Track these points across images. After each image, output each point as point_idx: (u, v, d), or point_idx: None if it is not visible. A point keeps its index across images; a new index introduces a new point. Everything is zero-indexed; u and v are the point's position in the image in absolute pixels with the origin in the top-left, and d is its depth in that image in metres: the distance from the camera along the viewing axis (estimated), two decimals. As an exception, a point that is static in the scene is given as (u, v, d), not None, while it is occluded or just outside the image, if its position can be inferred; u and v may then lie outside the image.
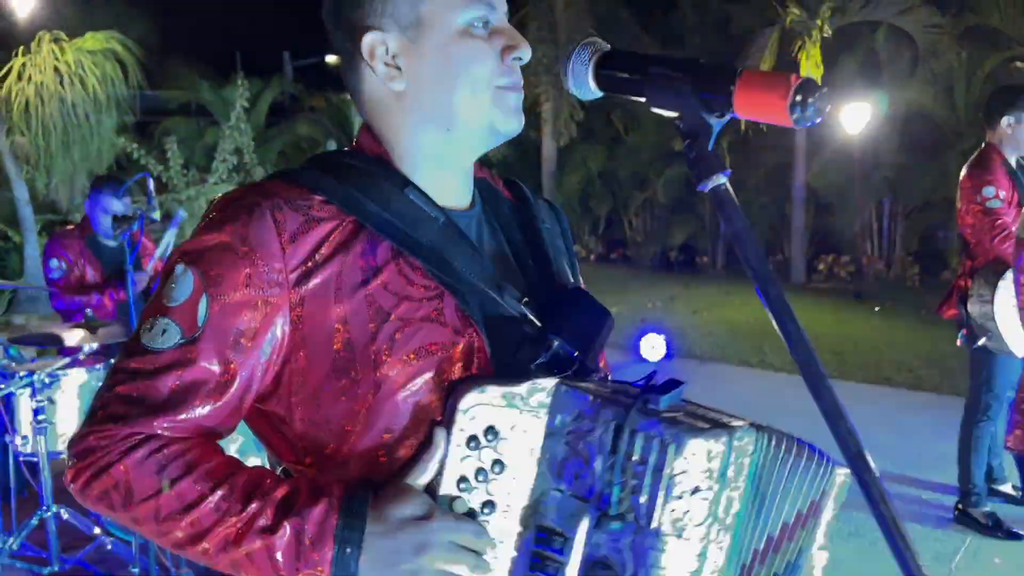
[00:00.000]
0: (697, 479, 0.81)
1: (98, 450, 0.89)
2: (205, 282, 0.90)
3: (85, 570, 3.40)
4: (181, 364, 0.90)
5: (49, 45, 8.16)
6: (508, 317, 0.96)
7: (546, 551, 0.86)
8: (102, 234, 4.17)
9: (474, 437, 0.88)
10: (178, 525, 0.88)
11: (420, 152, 1.00)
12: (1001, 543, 3.59)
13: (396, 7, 0.96)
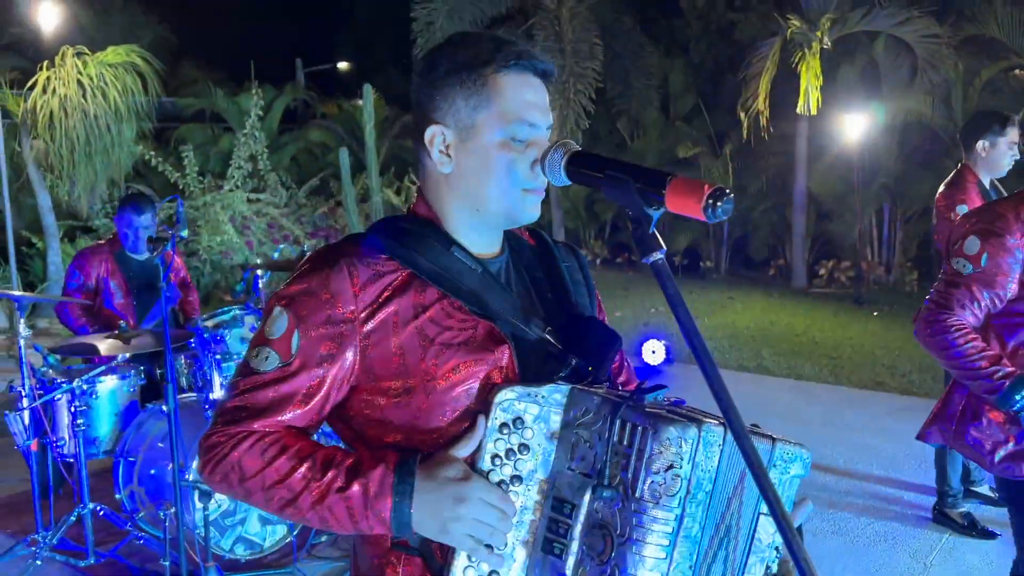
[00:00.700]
0: (671, 459, 1.05)
1: (218, 445, 1.19)
2: (297, 320, 1.20)
3: (119, 563, 3.65)
4: (278, 381, 1.20)
5: (72, 59, 8.44)
6: (534, 340, 1.23)
7: (559, 516, 1.12)
8: (129, 249, 4.43)
9: (505, 424, 1.14)
10: (279, 492, 1.17)
11: (459, 221, 1.28)
12: (976, 542, 3.81)
13: (458, 111, 1.23)
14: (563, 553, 1.10)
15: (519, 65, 1.23)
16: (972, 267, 2.25)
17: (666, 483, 1.05)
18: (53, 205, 9.39)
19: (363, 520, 1.15)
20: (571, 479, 1.11)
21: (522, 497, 1.14)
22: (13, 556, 3.62)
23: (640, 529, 1.06)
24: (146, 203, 4.32)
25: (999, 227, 2.25)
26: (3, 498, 4.51)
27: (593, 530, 1.09)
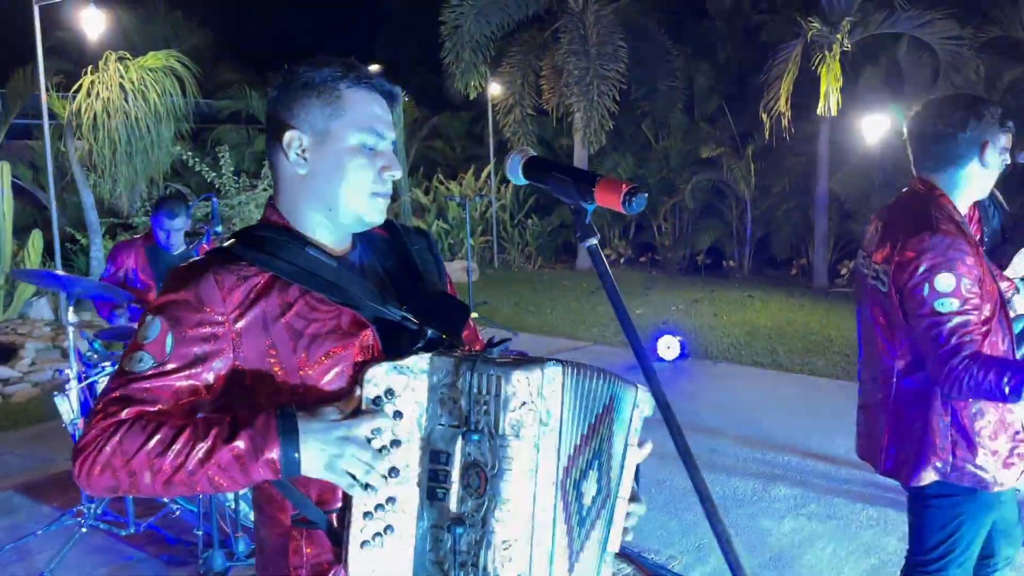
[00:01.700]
0: (523, 397, 1.24)
1: (93, 441, 1.23)
2: (170, 324, 1.30)
3: (156, 533, 3.96)
4: (153, 378, 1.27)
5: (115, 64, 8.82)
6: (393, 320, 1.39)
7: (438, 466, 1.27)
8: (162, 246, 4.72)
9: (378, 398, 1.28)
10: (165, 461, 1.21)
11: (313, 221, 1.42)
12: (963, 526, 3.99)
13: (314, 119, 1.38)
14: (445, 496, 1.26)
15: (368, 84, 1.41)
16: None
17: (522, 417, 1.24)
18: (95, 203, 9.80)
19: (253, 468, 1.22)
20: (444, 432, 1.28)
21: (404, 457, 1.28)
22: (61, 525, 3.95)
23: (507, 460, 1.24)
24: (179, 206, 4.56)
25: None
26: (50, 475, 4.86)
27: (468, 470, 1.26)
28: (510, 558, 1.25)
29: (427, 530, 1.29)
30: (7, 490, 4.67)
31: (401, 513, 1.29)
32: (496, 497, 1.24)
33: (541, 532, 1.27)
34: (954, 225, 2.20)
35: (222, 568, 3.53)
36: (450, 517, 1.26)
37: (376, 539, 1.29)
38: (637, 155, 13.83)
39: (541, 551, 1.28)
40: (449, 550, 1.26)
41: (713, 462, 4.86)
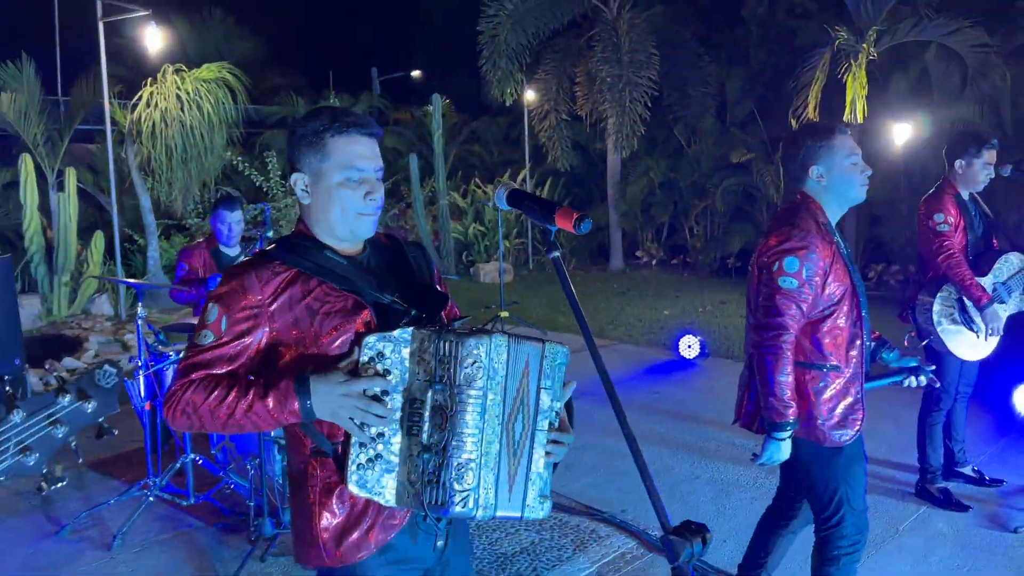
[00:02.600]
0: (473, 357, 1.68)
1: (175, 394, 1.75)
2: (224, 310, 1.78)
3: (212, 505, 4.43)
4: (213, 349, 1.76)
5: (172, 76, 9.42)
6: (386, 303, 1.83)
7: (414, 409, 1.71)
8: (223, 243, 5.21)
9: (372, 359, 1.72)
10: (221, 411, 1.71)
11: (325, 233, 1.88)
12: (949, 513, 4.29)
13: (310, 163, 1.84)
14: (419, 431, 1.70)
15: (348, 131, 1.83)
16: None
17: (472, 373, 1.69)
18: (152, 206, 10.42)
19: (282, 417, 1.71)
20: (420, 384, 1.72)
21: (391, 403, 1.72)
22: (129, 496, 4.44)
23: (462, 403, 1.68)
24: (236, 202, 5.11)
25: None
26: (118, 454, 5.38)
27: (435, 411, 1.70)
28: (463, 476, 1.68)
29: (405, 457, 1.73)
30: (79, 469, 5.20)
31: (387, 445, 1.74)
32: (454, 431, 1.68)
33: (487, 458, 1.72)
34: (814, 225, 2.69)
35: (271, 534, 3.98)
36: (421, 447, 1.70)
37: (368, 463, 1.73)
38: (669, 159, 14.11)
39: (487, 471, 1.71)
40: (420, 471, 1.69)
41: (719, 451, 5.21)
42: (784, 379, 2.64)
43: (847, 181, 2.72)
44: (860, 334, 2.74)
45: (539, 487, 1.80)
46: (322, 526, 1.80)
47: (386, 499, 1.73)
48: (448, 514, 1.70)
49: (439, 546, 1.91)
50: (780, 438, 2.67)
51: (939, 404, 4.42)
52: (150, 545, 4.09)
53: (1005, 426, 5.61)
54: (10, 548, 4.10)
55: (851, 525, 2.78)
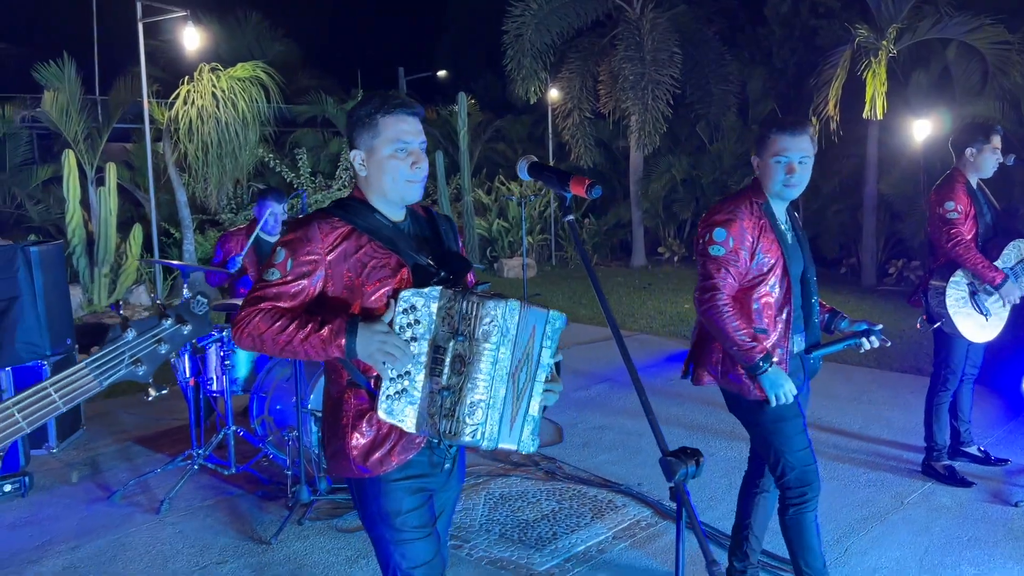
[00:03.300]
0: (491, 317, 1.99)
1: (244, 318, 2.05)
2: (290, 253, 2.08)
3: (252, 474, 4.71)
4: (279, 285, 2.07)
5: (208, 75, 9.76)
6: (422, 264, 2.14)
7: (437, 355, 2.03)
8: (266, 231, 5.49)
9: (406, 310, 2.02)
10: (281, 338, 2.01)
11: (375, 201, 2.19)
12: (953, 489, 4.47)
13: (365, 140, 2.15)
14: (440, 373, 2.03)
15: (395, 111, 2.14)
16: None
17: (489, 330, 2.02)
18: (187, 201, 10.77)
19: (330, 349, 2.00)
20: (444, 335, 2.04)
21: (418, 348, 2.04)
22: (174, 466, 4.74)
23: (478, 354, 2.02)
24: (282, 194, 5.41)
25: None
26: (161, 431, 5.69)
27: (455, 359, 2.03)
28: (474, 412, 2.03)
29: (426, 394, 2.05)
30: (126, 442, 5.51)
31: (411, 381, 2.05)
32: (469, 376, 2.02)
33: (495, 400, 2.04)
34: (747, 203, 3.01)
35: (308, 500, 4.25)
36: (441, 386, 2.03)
37: (395, 395, 2.05)
38: (691, 157, 14.27)
39: (494, 411, 2.05)
40: (438, 406, 2.03)
41: (732, 432, 5.40)
42: (734, 327, 2.89)
43: (771, 177, 3.00)
44: (788, 303, 3.01)
45: (532, 427, 2.12)
46: (353, 444, 2.13)
47: (407, 426, 2.05)
48: (459, 443, 2.06)
49: (447, 468, 2.24)
50: (762, 372, 2.89)
51: (946, 385, 4.60)
52: (195, 510, 4.37)
53: (1014, 410, 5.77)
54: (64, 512, 4.41)
55: (793, 479, 3.01)
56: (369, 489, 2.16)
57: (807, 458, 3.01)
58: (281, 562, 3.78)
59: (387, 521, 2.16)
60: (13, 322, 5.03)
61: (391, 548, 2.18)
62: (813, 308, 3.11)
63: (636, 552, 3.83)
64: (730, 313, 2.91)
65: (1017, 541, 3.86)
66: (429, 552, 2.19)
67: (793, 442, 3.00)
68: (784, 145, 2.95)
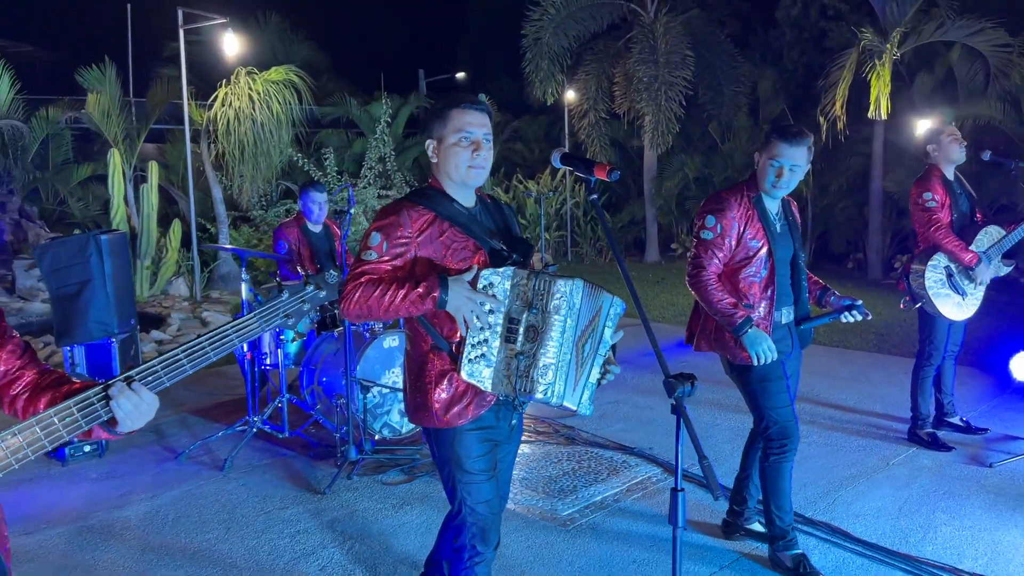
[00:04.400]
0: (560, 293, 2.43)
1: (349, 292, 2.42)
2: (384, 236, 2.47)
3: (303, 439, 5.24)
4: (375, 263, 2.45)
5: (245, 78, 10.32)
6: (496, 248, 2.56)
7: (512, 324, 2.44)
8: (311, 221, 6.01)
9: (484, 287, 2.43)
10: (384, 299, 2.38)
11: (448, 188, 2.58)
12: (934, 453, 4.94)
13: (436, 130, 2.54)
14: (514, 341, 2.45)
15: (463, 106, 2.55)
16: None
17: (559, 304, 2.42)
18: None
19: (426, 302, 2.39)
20: (517, 308, 2.46)
21: (494, 319, 2.45)
22: (233, 431, 5.27)
23: (548, 325, 2.42)
24: (323, 185, 5.95)
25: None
26: (215, 404, 6.24)
27: (528, 329, 2.44)
28: (545, 374, 2.44)
29: (502, 358, 2.48)
30: (183, 413, 6.06)
31: (489, 348, 2.49)
32: (541, 343, 2.43)
33: (562, 364, 2.45)
34: (738, 196, 3.42)
35: (355, 458, 4.78)
36: (516, 352, 2.46)
37: (476, 359, 2.48)
38: (703, 156, 14.72)
39: (561, 373, 2.45)
40: (513, 368, 2.46)
41: (737, 407, 5.86)
42: (718, 299, 3.36)
43: (764, 176, 3.42)
44: (773, 283, 3.44)
45: (590, 392, 2.55)
46: (434, 399, 2.56)
47: (485, 386, 2.49)
48: (532, 399, 2.47)
49: (512, 425, 2.69)
50: (743, 333, 3.33)
51: (930, 360, 5.07)
52: (254, 468, 4.91)
53: (1001, 387, 6.23)
54: (139, 469, 4.95)
55: (775, 431, 3.50)
56: (446, 437, 2.59)
57: (788, 414, 3.49)
58: (335, 508, 4.31)
59: (459, 464, 2.60)
60: (86, 303, 5.58)
61: (460, 487, 2.63)
62: (802, 286, 3.57)
63: (647, 502, 4.33)
64: (714, 287, 3.37)
65: (987, 495, 4.34)
66: (491, 492, 2.64)
67: (776, 399, 3.47)
68: (781, 151, 3.34)
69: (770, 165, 3.37)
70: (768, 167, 3.38)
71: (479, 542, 2.68)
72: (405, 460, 4.89)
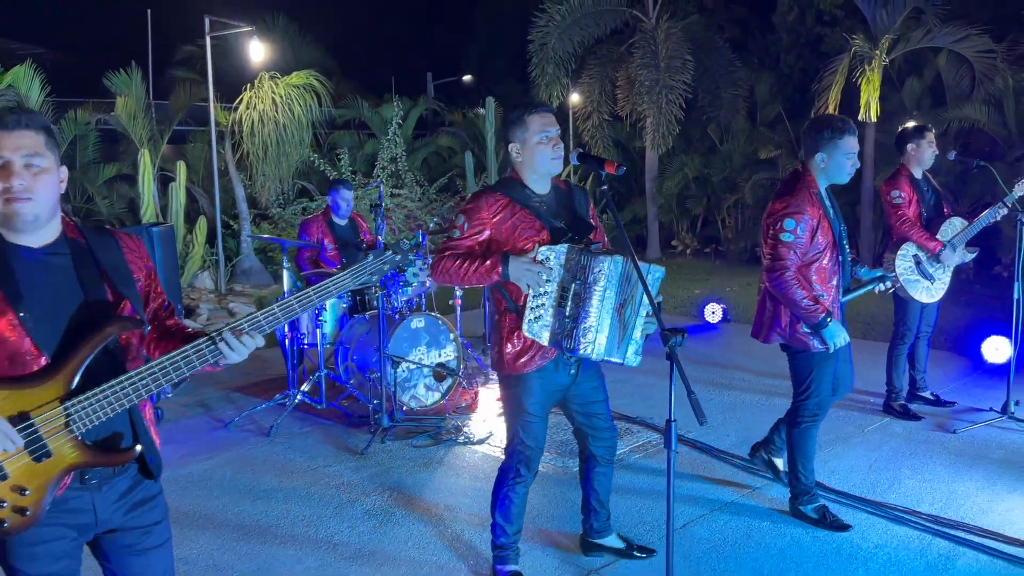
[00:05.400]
0: (601, 267, 3.02)
1: (435, 263, 3.17)
2: (467, 218, 3.17)
3: (339, 410, 5.82)
4: (459, 240, 3.16)
5: (268, 82, 10.90)
6: (558, 227, 3.19)
7: (562, 293, 3.06)
8: (338, 216, 6.60)
9: (542, 260, 3.08)
10: (461, 269, 3.09)
11: (527, 179, 3.22)
12: (905, 422, 5.50)
13: (517, 134, 3.19)
14: (564, 306, 3.05)
15: (539, 111, 3.16)
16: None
17: (597, 277, 3.01)
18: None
19: (492, 274, 3.03)
20: (567, 279, 3.05)
21: (549, 288, 3.05)
22: (275, 403, 5.86)
23: (591, 294, 3.01)
24: (349, 183, 6.55)
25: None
26: (254, 382, 6.82)
27: (575, 296, 3.03)
28: (587, 333, 3.03)
29: (554, 320, 3.07)
30: (225, 390, 6.64)
31: (544, 311, 3.09)
32: (584, 308, 3.02)
33: (602, 326, 3.03)
34: (807, 194, 3.75)
35: (388, 425, 5.35)
36: (565, 315, 3.05)
37: (534, 320, 3.10)
38: (703, 156, 15.28)
39: (601, 334, 3.05)
40: (563, 328, 3.05)
41: (730, 384, 6.48)
42: (800, 296, 3.70)
43: (840, 170, 3.78)
44: (838, 273, 3.86)
45: (636, 348, 3.11)
46: (507, 351, 3.19)
47: (543, 341, 3.10)
48: (576, 355, 3.07)
49: (572, 374, 3.27)
50: (825, 326, 3.68)
51: (903, 339, 5.63)
52: (296, 435, 5.49)
53: (973, 367, 6.80)
54: (193, 436, 5.53)
55: (813, 404, 4.02)
56: (513, 381, 3.23)
57: (828, 391, 3.97)
58: (372, 465, 4.89)
59: (519, 404, 3.24)
60: (139, 289, 6.16)
61: (517, 422, 3.27)
62: (846, 258, 3.94)
63: (648, 461, 4.91)
64: (796, 285, 3.68)
65: (949, 455, 4.91)
66: (541, 431, 3.29)
67: (825, 378, 3.94)
68: (853, 143, 3.75)
69: (847, 157, 3.74)
70: (844, 159, 3.73)
71: (523, 467, 3.31)
72: (431, 427, 5.47)
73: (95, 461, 2.03)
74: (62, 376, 1.98)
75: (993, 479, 4.52)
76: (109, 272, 2.15)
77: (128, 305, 2.15)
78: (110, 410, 2.01)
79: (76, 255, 2.12)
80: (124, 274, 2.20)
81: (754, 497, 4.40)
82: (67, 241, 2.12)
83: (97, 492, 2.10)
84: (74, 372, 1.99)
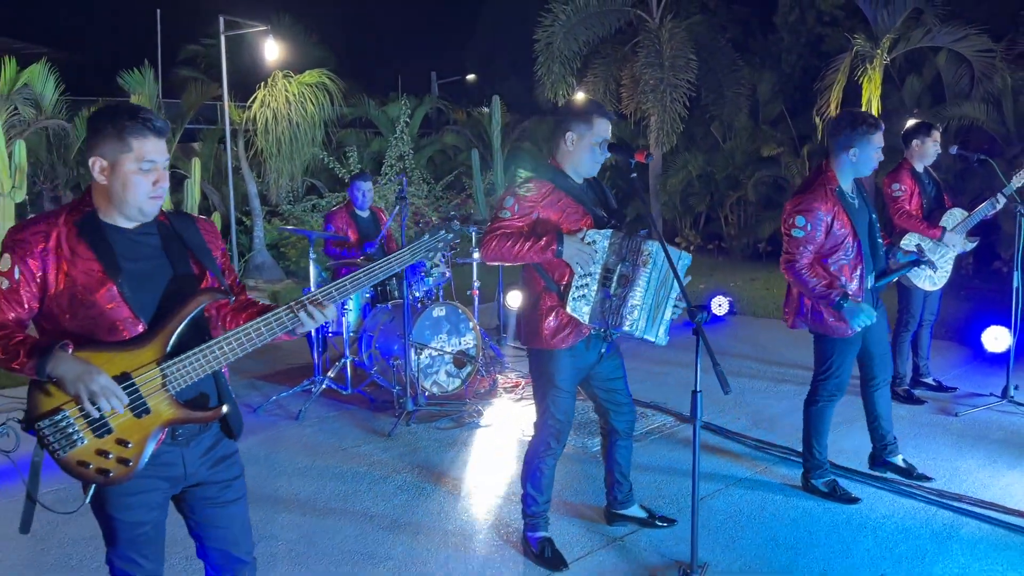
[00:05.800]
0: (647, 251, 3.28)
1: (486, 242, 3.34)
2: (516, 203, 3.35)
3: (363, 395, 6.04)
4: (508, 221, 3.33)
5: (282, 81, 11.11)
6: (600, 215, 3.42)
7: (607, 273, 3.30)
8: (357, 207, 6.81)
9: (589, 243, 3.28)
10: (515, 248, 3.27)
11: (568, 169, 3.44)
12: (909, 406, 5.72)
13: (580, 128, 3.37)
14: (609, 286, 3.29)
15: (607, 116, 3.39)
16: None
17: (645, 260, 3.27)
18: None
19: (545, 252, 3.21)
20: (613, 261, 3.29)
21: (595, 268, 3.29)
22: (301, 389, 6.07)
23: (637, 275, 3.30)
24: (368, 175, 6.77)
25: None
26: (278, 371, 7.03)
27: (620, 277, 3.29)
28: (631, 312, 3.30)
29: (598, 299, 3.29)
30: (251, 379, 6.85)
31: (588, 290, 3.30)
32: (631, 288, 3.29)
33: (645, 305, 3.28)
34: (822, 194, 3.91)
35: (412, 409, 5.57)
36: (611, 295, 3.28)
37: (579, 297, 3.30)
38: (706, 154, 15.50)
39: (643, 313, 3.32)
40: (607, 307, 3.29)
41: (738, 372, 6.69)
42: (813, 283, 3.87)
43: (868, 163, 3.96)
44: (860, 263, 4.01)
45: (665, 327, 3.37)
46: (545, 327, 3.39)
47: (583, 319, 3.31)
48: (620, 331, 3.31)
49: (601, 353, 3.49)
50: (845, 307, 3.83)
51: (907, 327, 5.85)
52: (323, 418, 5.70)
53: (974, 356, 7.03)
54: (223, 420, 5.73)
55: (832, 384, 4.23)
56: (547, 356, 3.43)
57: (848, 373, 4.19)
58: (400, 446, 5.11)
59: (551, 379, 3.45)
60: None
61: (548, 397, 3.48)
62: (878, 245, 4.13)
63: (662, 441, 5.14)
64: (807, 275, 3.88)
65: (951, 436, 5.13)
66: (570, 406, 3.50)
67: (847, 361, 4.16)
68: (879, 139, 3.93)
69: (876, 150, 3.92)
70: (873, 153, 3.92)
71: (553, 440, 3.52)
72: (453, 411, 5.68)
73: (188, 418, 2.25)
74: (158, 340, 2.20)
75: (994, 457, 4.75)
76: (193, 249, 2.38)
77: (211, 278, 2.37)
78: (200, 372, 2.23)
79: (163, 235, 2.35)
80: (205, 252, 2.42)
81: (767, 474, 4.63)
82: (155, 223, 2.34)
83: (185, 447, 2.32)
84: (169, 336, 2.21)
